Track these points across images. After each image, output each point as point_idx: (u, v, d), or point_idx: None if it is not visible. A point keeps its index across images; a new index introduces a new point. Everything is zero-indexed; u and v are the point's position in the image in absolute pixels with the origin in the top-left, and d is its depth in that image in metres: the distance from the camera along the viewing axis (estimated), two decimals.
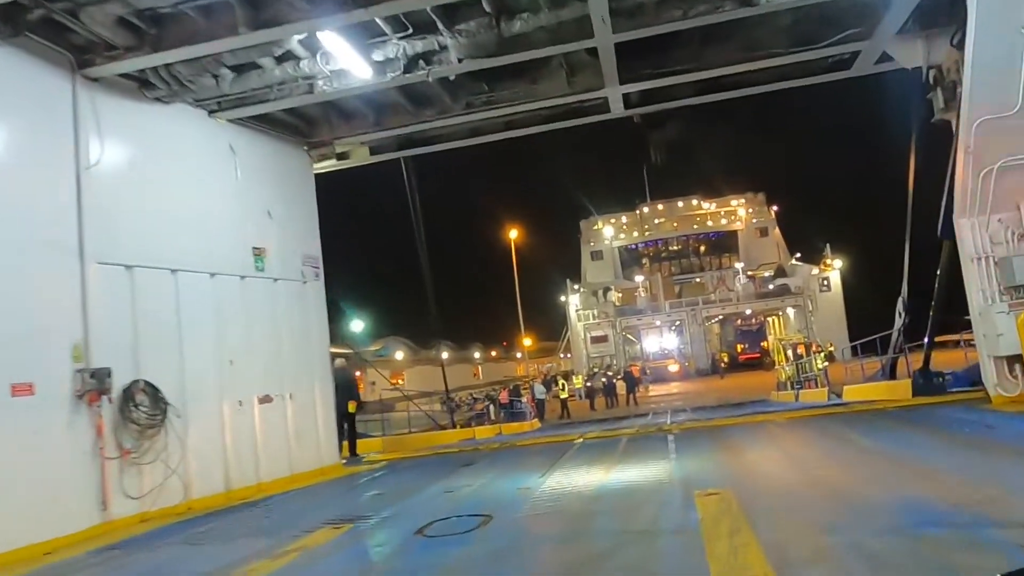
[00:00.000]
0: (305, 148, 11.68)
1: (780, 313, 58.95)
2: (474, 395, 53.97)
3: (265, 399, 10.10)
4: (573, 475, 7.83)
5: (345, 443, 14.11)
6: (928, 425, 8.89)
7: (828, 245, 55.78)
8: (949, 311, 12.19)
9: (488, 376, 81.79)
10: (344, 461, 12.56)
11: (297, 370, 10.81)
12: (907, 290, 12.52)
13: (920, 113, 11.45)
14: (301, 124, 11.44)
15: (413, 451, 14.06)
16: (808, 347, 25.02)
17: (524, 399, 30.74)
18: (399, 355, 67.25)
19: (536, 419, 28.08)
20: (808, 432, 9.99)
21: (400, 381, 70.72)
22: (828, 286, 54.72)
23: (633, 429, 12.80)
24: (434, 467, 10.83)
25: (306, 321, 11.19)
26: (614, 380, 30.74)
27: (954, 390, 12.55)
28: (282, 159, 11.21)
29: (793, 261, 62.09)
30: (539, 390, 28.82)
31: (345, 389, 14.39)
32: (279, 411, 10.31)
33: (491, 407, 33.52)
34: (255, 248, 10.33)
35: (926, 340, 12.15)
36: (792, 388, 25.40)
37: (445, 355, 76.21)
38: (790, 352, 25.86)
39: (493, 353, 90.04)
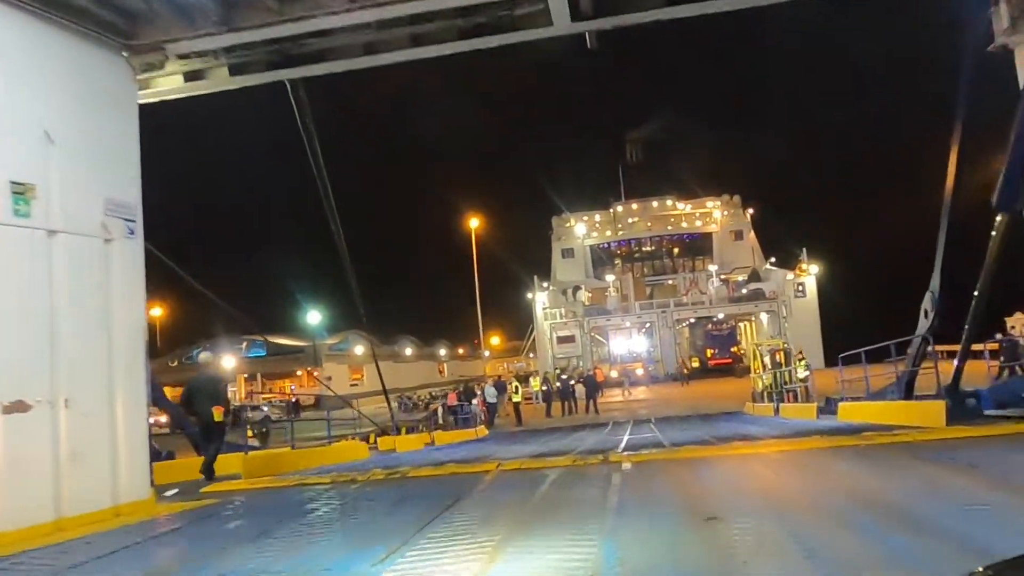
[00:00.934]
0: (124, 55, 8.22)
1: (753, 318, 56.23)
2: (433, 394, 50.55)
3: (15, 407, 6.64)
4: (431, 564, 4.45)
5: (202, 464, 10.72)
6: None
7: (804, 250, 53.09)
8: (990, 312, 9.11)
9: (455, 374, 78.41)
10: (176, 491, 9.12)
11: (84, 366, 7.33)
12: (939, 280, 9.30)
13: (969, 39, 8.28)
14: (117, 19, 7.98)
15: (281, 475, 10.59)
16: (788, 354, 21.88)
17: (476, 402, 27.45)
18: (359, 349, 63.54)
19: (484, 426, 24.75)
20: (820, 479, 6.70)
21: (360, 377, 67.10)
22: (803, 292, 52.08)
23: (569, 459, 9.46)
24: (262, 514, 7.37)
25: (106, 295, 7.69)
26: (571, 384, 27.46)
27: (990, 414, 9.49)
28: (82, 62, 7.73)
29: (768, 266, 59.50)
30: (490, 393, 25.50)
31: (208, 392, 10.97)
32: (42, 425, 6.84)
33: (440, 410, 30.24)
34: (15, 184, 6.86)
35: (962, 346, 9.02)
36: (770, 400, 22.34)
37: (409, 351, 72.82)
38: (767, 359, 22.70)
39: (460, 351, 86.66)
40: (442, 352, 77.74)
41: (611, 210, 69.51)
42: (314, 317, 57.01)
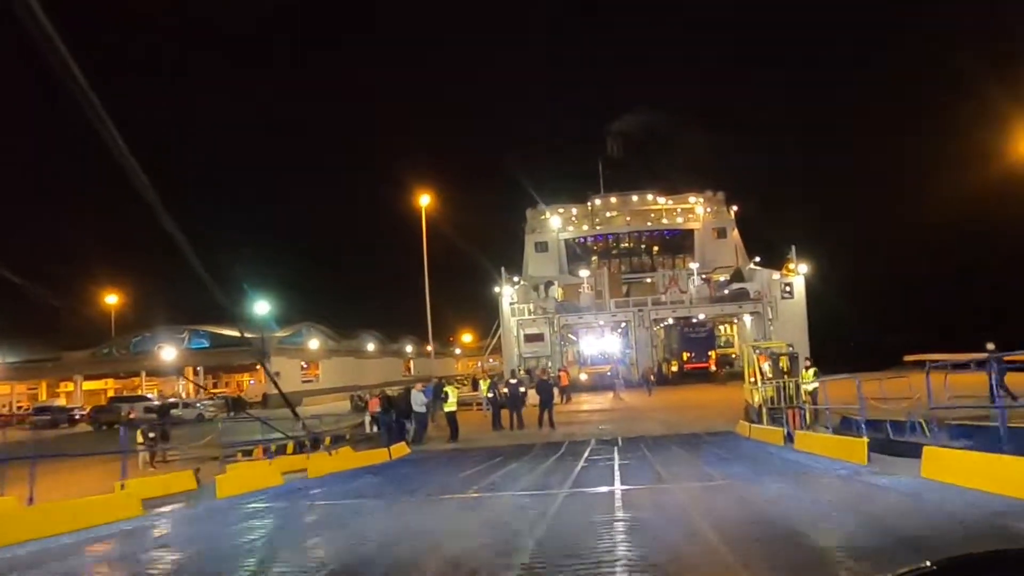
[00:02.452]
0: None
1: (736, 320, 50.68)
2: (363, 397, 44.41)
3: None
4: None
5: None
6: None
7: (794, 248, 47.60)
8: None
9: (422, 372, 72.30)
10: None
11: None
12: None
13: None
14: None
15: None
16: (794, 359, 16.16)
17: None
18: (314, 343, 57.33)
19: (406, 441, 18.87)
20: None
21: (315, 372, 60.84)
22: (791, 293, 46.53)
23: None
24: None
25: None
26: (520, 389, 21.56)
27: None
28: None
29: (752, 265, 54.05)
30: (417, 400, 19.57)
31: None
32: None
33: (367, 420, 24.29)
34: None
35: None
36: (772, 418, 16.67)
37: (371, 346, 66.57)
38: (767, 365, 16.98)
39: (428, 348, 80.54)
40: (408, 348, 71.58)
41: (588, 203, 63.92)
42: (262, 307, 50.90)
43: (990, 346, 19.68)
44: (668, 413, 23.21)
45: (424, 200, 33.97)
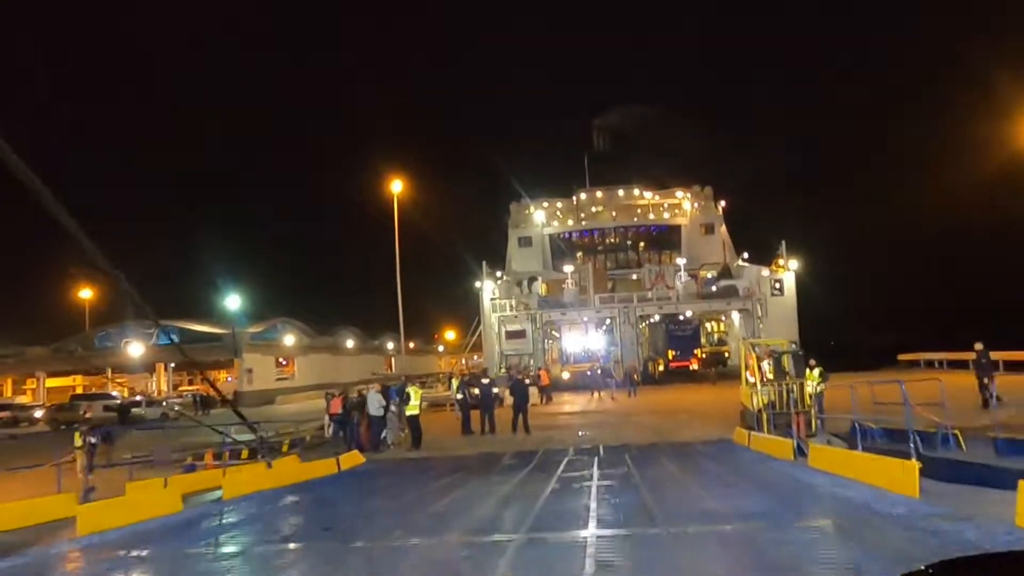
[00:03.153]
0: None
1: (724, 318, 48.59)
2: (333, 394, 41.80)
3: None
4: None
5: None
6: None
7: (784, 243, 45.53)
8: None
9: (404, 370, 69.73)
10: None
11: None
12: None
13: None
14: None
15: None
16: (798, 359, 13.87)
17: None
18: (289, 339, 54.64)
19: (358, 448, 16.47)
20: None
21: (291, 370, 58.09)
22: (781, 289, 44.43)
23: None
24: None
25: None
26: (493, 390, 19.20)
27: None
28: None
29: (740, 262, 52.00)
30: (374, 402, 17.17)
31: None
32: None
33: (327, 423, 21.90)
34: None
35: None
36: (772, 425, 14.45)
37: (350, 343, 63.93)
38: (766, 365, 14.70)
39: (411, 344, 77.98)
40: (390, 345, 68.98)
41: (573, 198, 61.67)
42: (233, 301, 48.23)
43: (978, 346, 17.56)
44: (656, 417, 20.93)
45: (396, 187, 31.49)
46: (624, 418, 21.61)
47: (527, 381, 29.97)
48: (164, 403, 42.79)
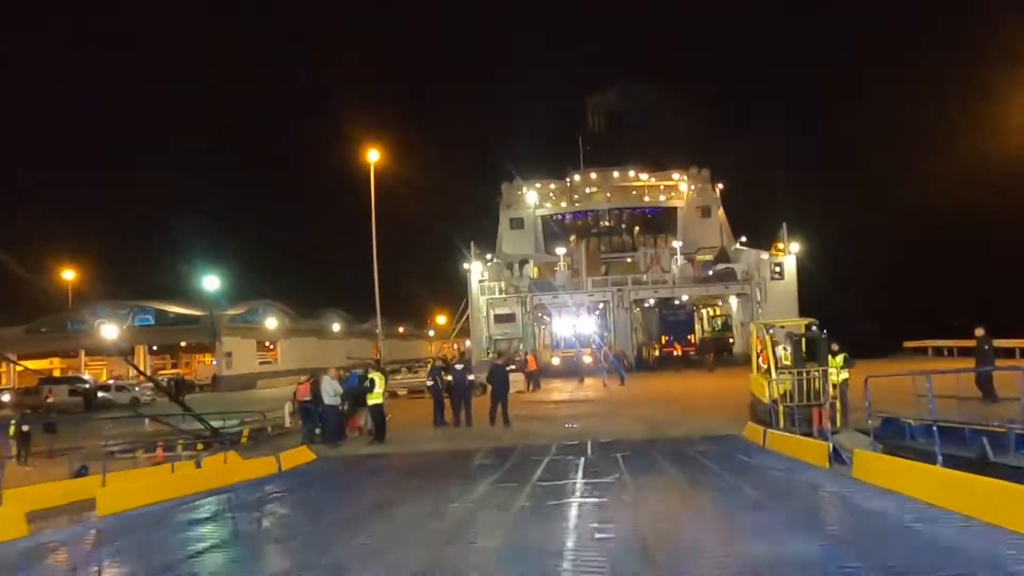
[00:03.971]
0: None
1: (721, 303, 46.17)
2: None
3: None
4: None
5: None
6: None
7: (785, 225, 43.00)
8: None
9: (393, 354, 67.30)
10: None
11: None
12: None
13: None
14: None
15: None
16: (816, 344, 11.31)
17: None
18: (271, 322, 52.09)
19: (307, 444, 14.05)
20: None
21: (273, 355, 55.55)
22: (781, 273, 41.98)
23: None
24: None
25: None
26: (468, 377, 16.72)
27: None
28: None
29: (738, 245, 49.55)
30: (329, 389, 14.71)
31: None
32: None
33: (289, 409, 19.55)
34: None
35: None
36: (789, 419, 12.09)
37: (337, 327, 61.30)
38: (782, 350, 12.23)
39: (400, 329, 75.53)
40: (377, 329, 66.37)
41: (567, 179, 59.04)
42: (211, 282, 45.51)
43: (979, 331, 15.14)
44: (651, 407, 18.52)
45: (372, 156, 28.79)
46: (616, 408, 19.19)
47: (512, 367, 27.68)
48: (137, 388, 40.31)
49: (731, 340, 41.41)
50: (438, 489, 9.13)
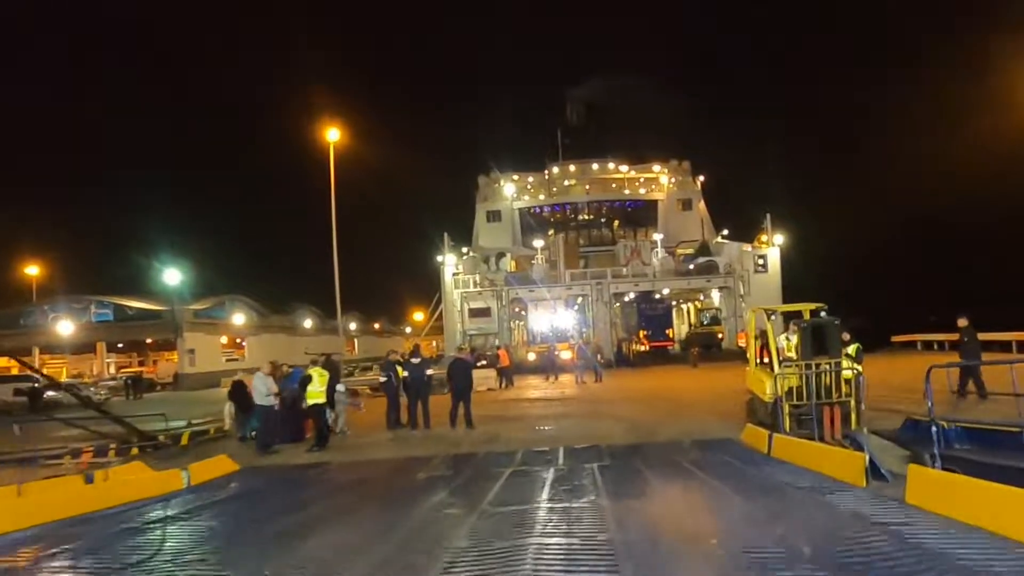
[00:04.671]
0: None
1: (703, 296, 44.32)
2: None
3: None
4: None
5: None
6: None
7: (768, 216, 41.30)
8: None
9: (368, 351, 64.79)
10: None
11: None
12: None
13: None
14: None
15: None
16: (826, 331, 9.10)
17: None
18: (238, 318, 49.40)
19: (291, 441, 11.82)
20: None
21: (242, 353, 52.76)
22: (765, 266, 40.24)
23: None
24: None
25: None
26: (426, 372, 14.45)
27: None
28: None
29: (719, 239, 47.79)
30: (261, 388, 12.46)
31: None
32: None
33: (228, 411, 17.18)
34: None
35: None
36: (798, 422, 10.05)
37: (308, 323, 58.69)
38: (783, 340, 10.06)
39: (376, 325, 73.08)
40: (352, 326, 63.91)
41: (545, 172, 56.91)
42: (173, 276, 42.85)
43: (962, 322, 13.26)
44: (633, 407, 16.43)
45: (332, 135, 26.33)
46: (594, 407, 17.08)
47: (482, 361, 25.48)
48: (91, 388, 37.51)
49: (720, 336, 39.24)
50: (361, 522, 6.93)
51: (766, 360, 12.25)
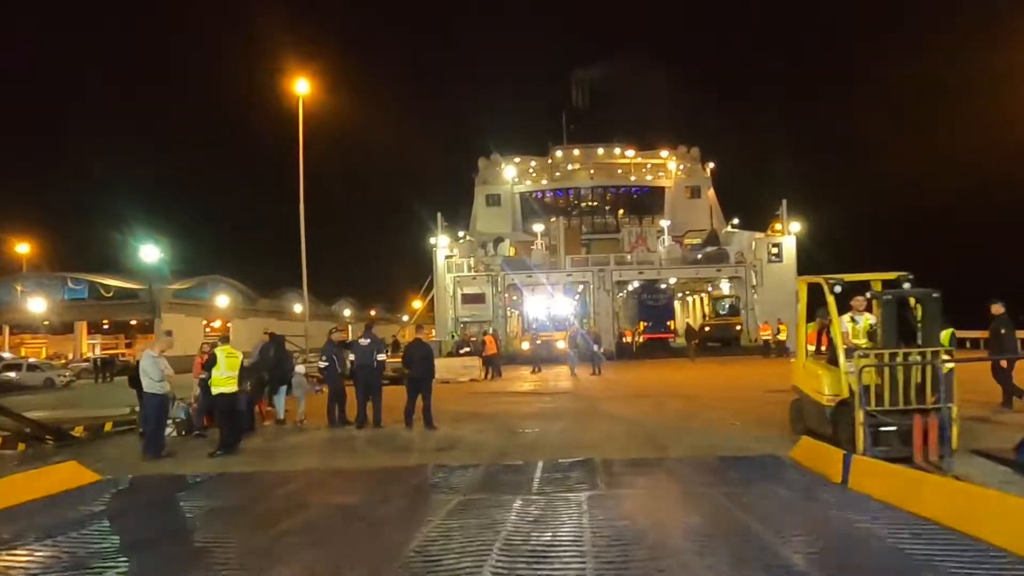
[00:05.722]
0: None
1: (711, 287, 40.89)
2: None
3: None
4: None
5: None
6: None
7: (784, 203, 37.83)
8: None
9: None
10: None
11: None
12: None
13: None
14: None
15: None
16: (932, 304, 5.63)
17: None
18: (223, 299, 46.33)
19: (148, 450, 8.62)
20: None
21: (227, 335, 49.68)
22: (780, 255, 36.79)
23: None
24: None
25: None
26: (378, 357, 11.11)
27: None
28: None
29: (729, 228, 44.42)
30: (152, 371, 9.27)
31: None
32: None
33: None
34: None
35: None
36: (876, 438, 6.72)
37: (299, 307, 55.45)
38: (847, 322, 6.65)
39: (372, 312, 69.96)
40: (347, 312, 60.85)
41: (548, 157, 53.53)
42: (150, 253, 39.68)
43: (997, 309, 10.00)
44: (636, 405, 13.21)
45: (302, 87, 22.97)
46: (590, 405, 13.86)
47: (466, 348, 22.35)
48: (57, 368, 34.54)
49: (738, 327, 35.41)
50: None
51: (822, 349, 9.03)
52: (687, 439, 9.10)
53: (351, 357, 11.36)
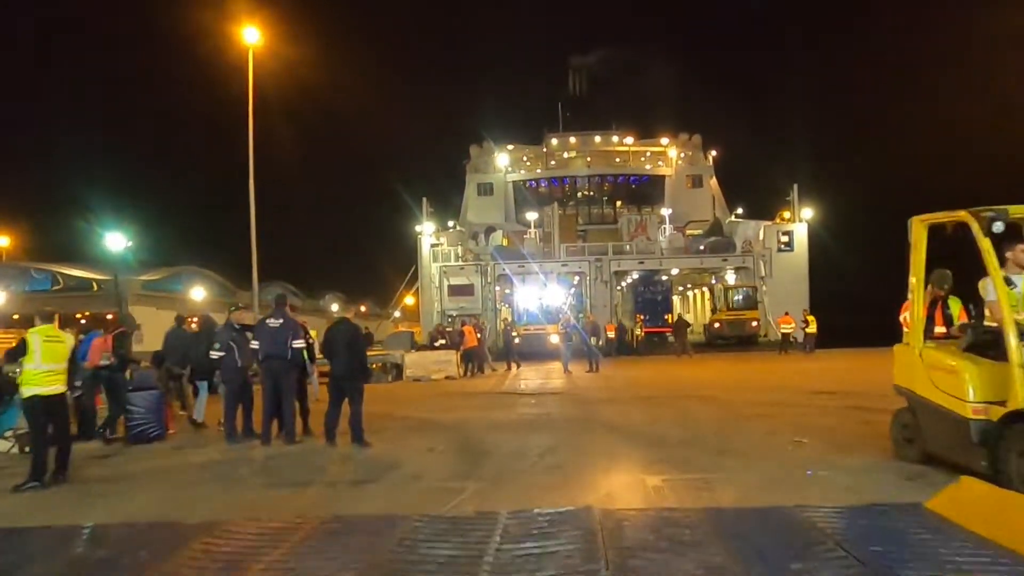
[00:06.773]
0: None
1: (715, 279, 37.41)
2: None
3: None
4: None
5: None
6: None
7: (796, 187, 34.53)
8: None
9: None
10: None
11: None
12: None
13: None
14: None
15: None
16: None
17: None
18: (198, 292, 42.91)
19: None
20: None
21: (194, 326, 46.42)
22: (790, 244, 33.51)
23: None
24: None
25: None
26: (294, 345, 7.56)
27: None
28: None
29: (733, 217, 41.13)
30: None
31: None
32: None
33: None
34: None
35: None
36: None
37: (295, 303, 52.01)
38: (1020, 283, 3.14)
39: (363, 307, 66.48)
40: (335, 307, 57.29)
41: (544, 145, 50.23)
42: (116, 241, 36.18)
43: None
44: (647, 411, 9.87)
45: (251, 36, 19.66)
46: (585, 411, 10.50)
47: (441, 341, 18.98)
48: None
49: (755, 323, 30.71)
50: None
51: (938, 330, 5.70)
52: (743, 473, 5.74)
53: (255, 345, 7.99)
